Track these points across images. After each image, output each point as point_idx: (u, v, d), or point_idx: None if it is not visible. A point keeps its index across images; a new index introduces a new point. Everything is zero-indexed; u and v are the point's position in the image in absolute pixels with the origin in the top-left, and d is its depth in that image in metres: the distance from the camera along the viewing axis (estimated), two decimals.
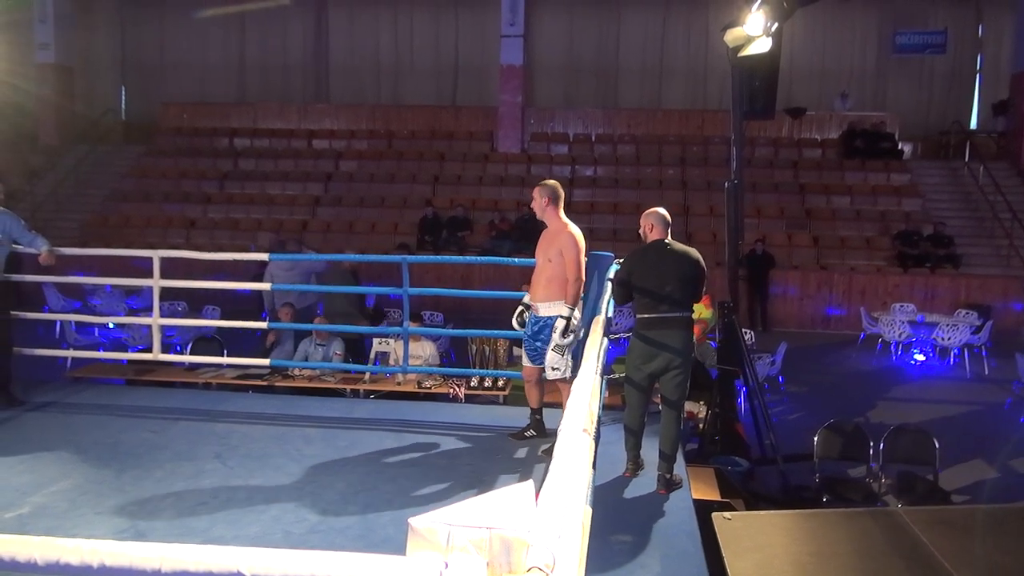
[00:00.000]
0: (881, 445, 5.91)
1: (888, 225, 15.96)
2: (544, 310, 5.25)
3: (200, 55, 21.63)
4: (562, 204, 5.32)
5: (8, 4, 18.47)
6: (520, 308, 5.58)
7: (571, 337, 5.11)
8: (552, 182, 5.34)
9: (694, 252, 4.91)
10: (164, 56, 21.77)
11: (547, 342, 5.20)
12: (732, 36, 6.82)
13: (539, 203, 5.25)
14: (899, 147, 18.28)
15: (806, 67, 19.87)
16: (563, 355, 5.13)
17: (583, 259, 5.20)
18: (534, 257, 5.45)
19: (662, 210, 5.01)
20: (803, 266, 15.01)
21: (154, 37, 21.72)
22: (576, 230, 5.23)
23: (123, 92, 22.10)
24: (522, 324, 5.55)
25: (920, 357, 11.85)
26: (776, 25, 6.61)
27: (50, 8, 19.27)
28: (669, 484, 4.77)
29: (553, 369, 5.17)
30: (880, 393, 10.14)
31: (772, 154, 18.36)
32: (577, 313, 5.19)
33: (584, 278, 5.24)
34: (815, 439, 6.03)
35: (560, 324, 5.08)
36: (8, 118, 18.89)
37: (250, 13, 20.99)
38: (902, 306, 13.24)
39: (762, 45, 6.68)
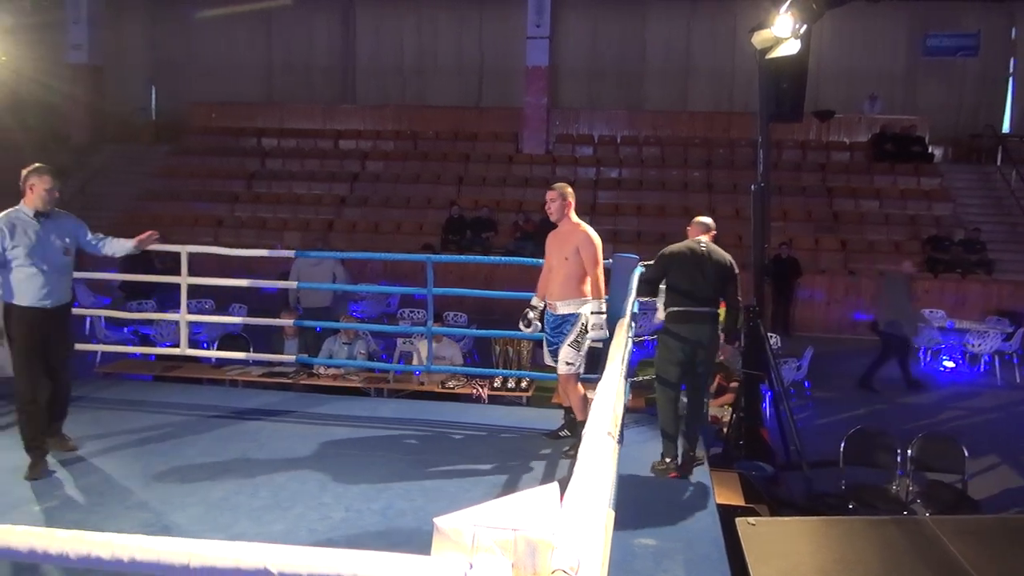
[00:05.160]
0: (909, 452, 5.83)
1: (918, 230, 15.75)
2: (562, 308, 5.27)
3: (228, 56, 21.85)
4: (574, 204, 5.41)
5: (40, 5, 18.80)
6: (526, 310, 5.59)
7: (598, 333, 5.17)
8: (564, 184, 5.43)
9: (726, 255, 5.35)
10: (193, 57, 22.01)
11: (564, 338, 5.24)
12: (760, 38, 6.77)
13: (559, 205, 5.30)
14: (929, 150, 18.03)
15: (835, 69, 19.67)
16: (579, 351, 5.21)
17: (600, 255, 5.26)
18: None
19: (707, 219, 5.50)
20: (830, 270, 14.85)
21: (183, 38, 21.96)
22: (590, 228, 5.30)
23: (153, 92, 22.37)
24: (528, 325, 5.56)
25: (949, 364, 11.68)
26: (805, 27, 6.55)
27: (83, 9, 19.56)
28: (692, 462, 5.14)
29: (567, 364, 5.23)
30: (908, 400, 10.01)
31: (799, 157, 18.20)
32: (603, 307, 5.27)
33: (603, 273, 5.30)
34: (841, 445, 5.97)
35: (595, 319, 5.17)
36: (40, 118, 19.22)
37: (277, 15, 21.18)
38: (932, 312, 13.05)
39: (790, 47, 6.62)
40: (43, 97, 18.58)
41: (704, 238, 5.43)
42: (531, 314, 5.53)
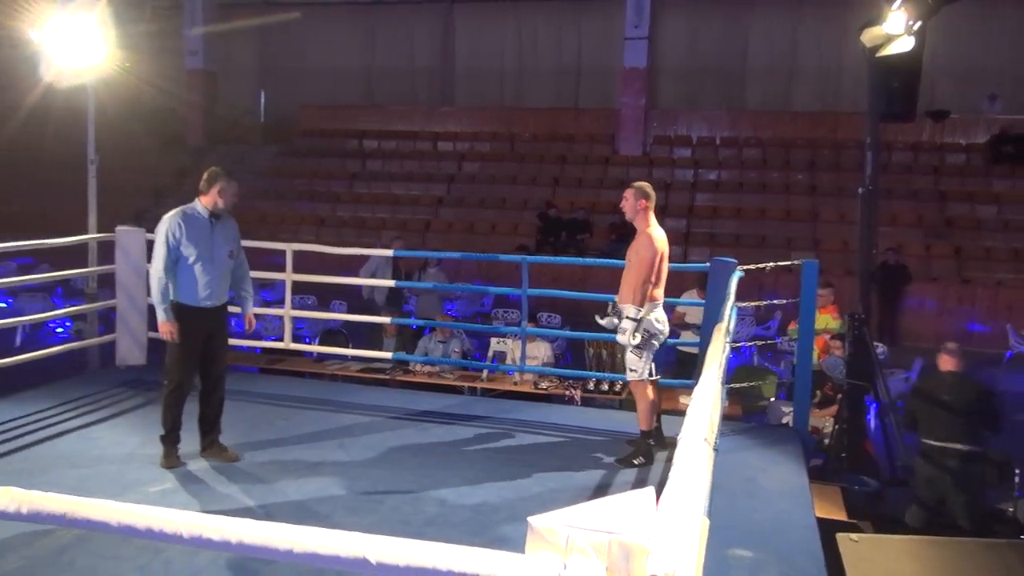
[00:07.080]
0: None
1: None
2: (625, 311, 5.19)
3: (331, 60, 22.50)
4: (653, 206, 5.22)
5: (159, 12, 19.87)
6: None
7: (640, 337, 5.03)
8: (644, 184, 5.26)
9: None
10: (298, 61, 22.79)
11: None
12: (870, 35, 6.50)
13: (632, 204, 5.16)
14: None
15: (951, 67, 18.60)
16: (640, 356, 5.09)
17: (657, 260, 5.08)
18: None
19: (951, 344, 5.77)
20: (942, 278, 14.12)
21: (289, 43, 22.75)
22: (656, 232, 5.14)
23: (262, 96, 23.29)
24: (602, 318, 5.43)
25: None
26: (919, 23, 6.25)
27: (199, 15, 20.56)
28: None
29: (631, 370, 5.16)
30: None
31: (911, 159, 17.39)
32: (655, 314, 5.12)
33: (652, 281, 5.09)
34: None
35: (625, 323, 5.05)
36: (161, 121, 20.29)
37: (379, 19, 21.72)
38: None
39: (903, 44, 6.33)
40: (162, 102, 19.60)
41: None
42: (611, 308, 5.30)
